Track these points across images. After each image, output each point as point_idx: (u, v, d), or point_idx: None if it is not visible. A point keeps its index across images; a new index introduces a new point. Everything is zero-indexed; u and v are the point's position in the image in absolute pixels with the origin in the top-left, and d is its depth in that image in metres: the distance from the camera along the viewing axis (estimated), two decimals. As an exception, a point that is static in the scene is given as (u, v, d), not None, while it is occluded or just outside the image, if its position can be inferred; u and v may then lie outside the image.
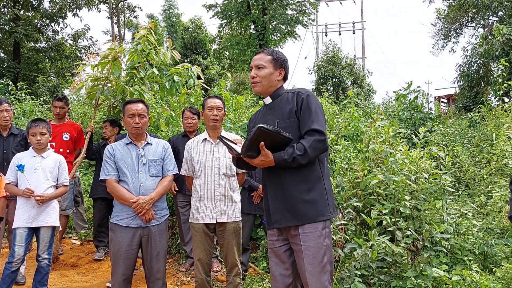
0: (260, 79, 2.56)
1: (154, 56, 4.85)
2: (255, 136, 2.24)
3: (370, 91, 20.28)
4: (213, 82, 22.16)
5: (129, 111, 3.30)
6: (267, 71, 2.55)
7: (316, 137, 2.34)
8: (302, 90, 2.52)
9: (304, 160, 2.32)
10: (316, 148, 2.33)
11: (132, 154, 3.27)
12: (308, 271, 2.35)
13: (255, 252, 5.06)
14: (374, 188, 4.14)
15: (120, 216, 3.21)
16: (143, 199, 3.14)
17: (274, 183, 2.47)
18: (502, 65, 9.71)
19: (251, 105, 8.33)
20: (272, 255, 2.55)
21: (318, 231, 2.37)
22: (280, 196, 2.44)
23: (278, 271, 2.51)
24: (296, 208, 2.38)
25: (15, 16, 14.15)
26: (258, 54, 2.62)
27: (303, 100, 2.43)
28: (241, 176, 3.66)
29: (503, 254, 4.13)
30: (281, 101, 2.54)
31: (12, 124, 4.75)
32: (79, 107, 10.61)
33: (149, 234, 3.22)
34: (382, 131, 4.68)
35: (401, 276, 3.62)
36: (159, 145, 3.40)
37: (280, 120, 2.48)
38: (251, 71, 2.61)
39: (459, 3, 14.54)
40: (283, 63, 2.59)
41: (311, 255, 2.35)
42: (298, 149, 2.31)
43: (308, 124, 2.38)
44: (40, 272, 3.64)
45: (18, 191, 3.61)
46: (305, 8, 19.28)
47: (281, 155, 2.33)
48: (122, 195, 3.16)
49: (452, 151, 6.80)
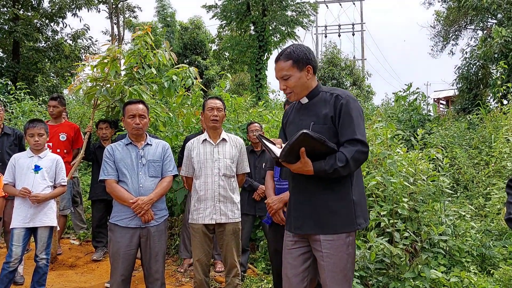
0: (291, 89, 2.37)
1: (151, 58, 4.86)
2: (297, 142, 2.07)
3: (370, 92, 20.35)
4: (213, 82, 22.18)
5: (130, 112, 3.30)
6: (294, 78, 2.35)
7: (358, 147, 2.19)
8: (342, 93, 2.34)
9: (345, 172, 2.18)
10: (358, 160, 2.20)
11: (131, 154, 3.27)
12: (330, 279, 2.28)
13: (254, 253, 5.06)
14: (372, 190, 4.14)
15: (119, 217, 3.21)
16: (142, 200, 3.14)
17: (300, 189, 2.38)
18: (501, 67, 9.73)
19: (251, 105, 8.34)
20: (288, 257, 2.46)
21: (341, 240, 2.28)
22: (305, 202, 2.35)
23: (292, 273, 2.43)
24: (319, 217, 2.30)
25: (15, 15, 14.14)
26: (278, 64, 2.38)
27: (342, 106, 2.26)
28: (241, 177, 3.66)
29: (501, 256, 4.13)
30: (318, 102, 2.38)
31: (4, 124, 4.73)
32: (78, 108, 10.61)
33: (148, 235, 3.22)
34: (381, 133, 4.69)
35: (399, 277, 3.62)
36: (159, 145, 3.40)
37: (315, 123, 2.32)
38: (280, 84, 2.41)
39: (458, 6, 14.58)
40: (306, 59, 2.35)
41: (333, 263, 2.27)
42: (340, 160, 2.15)
43: (349, 132, 2.22)
44: (38, 272, 3.64)
45: (16, 191, 3.60)
46: (305, 9, 19.30)
47: (322, 165, 2.17)
48: (121, 196, 3.17)
49: (451, 153, 6.81)
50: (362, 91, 19.45)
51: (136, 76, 4.90)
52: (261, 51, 18.12)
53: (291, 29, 19.03)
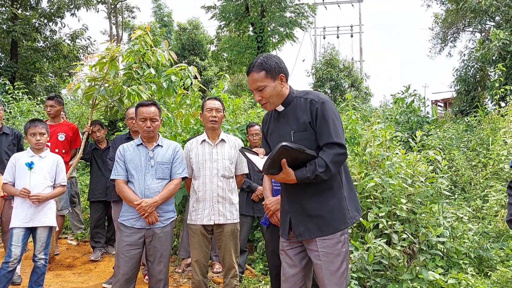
0: (266, 99, 2.39)
1: (150, 57, 4.85)
2: (278, 154, 2.15)
3: (368, 94, 20.35)
4: (211, 83, 22.14)
5: (141, 115, 3.31)
6: (269, 88, 2.36)
7: (336, 150, 2.26)
8: (315, 97, 2.36)
9: (327, 176, 2.25)
10: (337, 162, 2.27)
11: (141, 155, 3.29)
12: (326, 277, 2.32)
13: (252, 254, 5.06)
14: (371, 191, 4.15)
15: (125, 216, 3.25)
16: (146, 202, 3.15)
17: (292, 193, 2.42)
18: (499, 69, 9.77)
19: (249, 106, 8.34)
20: (285, 256, 2.51)
21: (336, 238, 2.33)
22: (300, 209, 2.39)
23: (290, 273, 2.48)
24: (316, 221, 2.34)
25: (13, 15, 14.10)
26: (251, 75, 2.38)
27: (318, 110, 2.31)
28: (240, 178, 3.66)
29: (499, 258, 4.14)
30: (294, 109, 2.41)
31: (2, 124, 4.73)
32: (76, 108, 10.59)
33: (153, 236, 3.23)
34: (379, 135, 4.70)
35: (397, 279, 3.63)
36: (170, 147, 3.39)
37: (295, 132, 2.37)
38: (255, 95, 2.42)
39: (457, 8, 14.62)
40: (278, 68, 2.37)
41: (329, 261, 2.32)
42: (320, 165, 2.22)
43: (326, 137, 2.28)
44: (36, 272, 3.63)
45: (16, 191, 3.59)
46: (304, 10, 19.31)
47: (303, 173, 2.24)
48: (127, 196, 3.20)
49: (449, 155, 6.83)
50: (360, 92, 19.46)
51: (135, 76, 4.90)
52: (259, 52, 18.10)
53: (290, 30, 19.04)
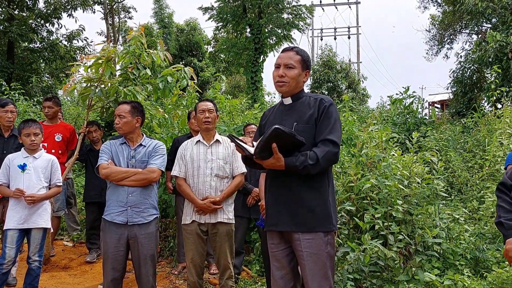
0: (288, 79, 2.44)
1: (145, 58, 4.85)
2: (270, 137, 2.18)
3: (365, 95, 20.41)
4: (208, 84, 22.14)
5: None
6: (296, 72, 2.44)
7: (330, 148, 2.30)
8: (326, 98, 2.46)
9: (315, 170, 2.27)
10: (328, 160, 2.30)
11: (124, 153, 3.34)
12: (310, 277, 2.33)
13: (248, 255, 5.04)
14: (367, 192, 4.15)
15: (107, 211, 3.27)
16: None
17: (278, 186, 2.43)
18: (495, 71, 9.80)
19: (246, 108, 8.34)
20: (273, 259, 2.52)
21: (320, 238, 2.34)
22: (282, 200, 2.40)
23: (279, 275, 2.49)
24: (296, 215, 2.35)
25: (10, 15, 14.04)
26: (287, 52, 2.47)
27: (325, 109, 2.39)
28: (239, 178, 3.54)
29: (495, 259, 4.15)
30: (302, 104, 2.48)
31: (14, 126, 4.70)
32: (73, 109, 10.56)
33: (136, 237, 3.21)
34: (376, 136, 4.70)
35: (393, 280, 3.63)
36: (150, 145, 3.40)
37: (298, 123, 2.41)
38: (278, 69, 2.46)
39: (453, 10, 14.67)
40: (309, 65, 2.50)
41: (312, 261, 2.33)
42: (311, 158, 2.26)
43: (325, 133, 2.33)
44: (30, 274, 3.60)
45: (10, 192, 3.57)
46: (301, 12, 19.30)
47: (293, 161, 2.26)
48: (106, 173, 3.24)
49: (445, 156, 6.84)
50: (357, 94, 19.52)
51: (130, 77, 4.88)
52: (257, 54, 18.10)
53: (287, 31, 19.03)
